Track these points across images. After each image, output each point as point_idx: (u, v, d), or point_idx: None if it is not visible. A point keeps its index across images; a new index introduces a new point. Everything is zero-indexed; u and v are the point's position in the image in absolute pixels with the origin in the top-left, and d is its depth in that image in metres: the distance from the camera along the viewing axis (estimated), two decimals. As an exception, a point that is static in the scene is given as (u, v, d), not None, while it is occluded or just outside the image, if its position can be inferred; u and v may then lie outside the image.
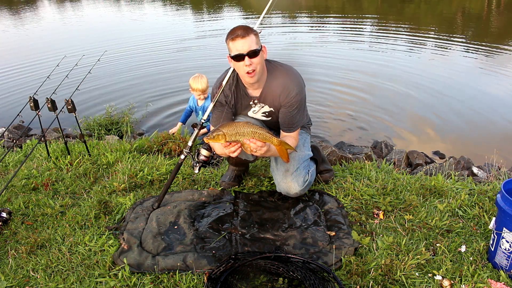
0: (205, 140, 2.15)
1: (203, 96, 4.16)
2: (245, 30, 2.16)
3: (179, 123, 4.51)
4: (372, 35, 10.47)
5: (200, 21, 14.47)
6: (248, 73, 2.20)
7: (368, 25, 12.25)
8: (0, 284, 2.02)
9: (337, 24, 12.56)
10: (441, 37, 9.76)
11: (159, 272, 2.03)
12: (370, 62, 7.40)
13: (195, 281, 1.95)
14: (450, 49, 8.45)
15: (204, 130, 3.89)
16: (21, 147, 3.91)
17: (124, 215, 2.54)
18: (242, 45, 2.14)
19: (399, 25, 11.43)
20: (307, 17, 14.51)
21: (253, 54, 2.16)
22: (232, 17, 15.06)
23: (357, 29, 11.34)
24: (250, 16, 14.53)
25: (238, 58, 2.18)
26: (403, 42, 9.34)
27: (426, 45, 8.93)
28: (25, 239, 2.33)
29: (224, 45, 2.27)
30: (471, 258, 2.02)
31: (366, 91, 5.92)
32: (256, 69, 2.21)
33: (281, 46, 9.03)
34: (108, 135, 4.45)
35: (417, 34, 10.05)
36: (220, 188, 2.80)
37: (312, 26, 12.45)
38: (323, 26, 12.30)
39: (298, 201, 2.61)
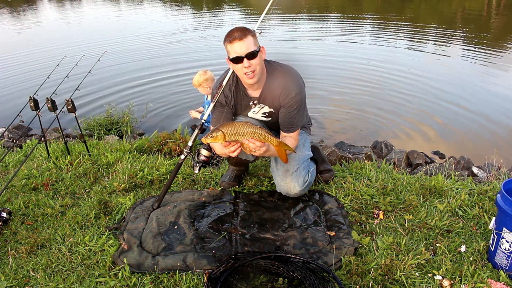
0: (204, 140, 2.14)
1: (201, 89, 4.13)
2: (243, 32, 2.15)
3: (202, 107, 4.56)
4: (372, 35, 10.48)
5: (201, 21, 14.48)
6: (247, 74, 2.20)
7: (369, 24, 12.25)
8: (0, 284, 2.02)
9: (337, 23, 12.57)
10: (441, 37, 9.77)
11: (159, 272, 2.03)
12: (371, 62, 7.40)
13: (195, 281, 1.95)
14: (450, 49, 8.45)
15: None
16: (21, 147, 3.91)
17: (124, 215, 2.54)
18: (240, 47, 2.14)
19: (399, 25, 11.44)
20: (307, 16, 14.51)
21: (251, 55, 2.16)
22: (232, 17, 15.07)
23: (357, 29, 11.34)
24: (250, 15, 14.53)
25: (237, 60, 2.17)
26: (403, 42, 9.34)
27: (426, 45, 8.93)
28: (25, 239, 2.33)
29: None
30: (471, 258, 2.02)
31: (366, 91, 5.92)
32: (256, 70, 2.20)
33: (281, 45, 9.02)
34: (108, 135, 4.45)
35: (417, 34, 10.06)
36: (220, 188, 2.80)
37: (312, 26, 12.45)
38: (323, 26, 12.30)
39: (298, 201, 2.61)
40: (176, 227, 2.39)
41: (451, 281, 1.87)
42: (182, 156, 2.55)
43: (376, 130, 4.77)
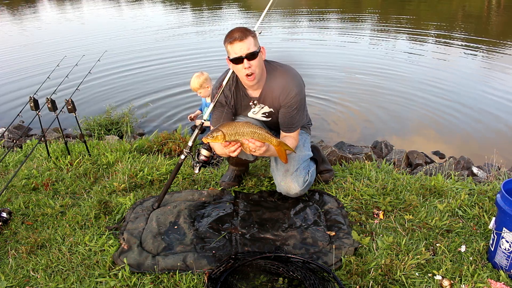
0: (204, 140, 2.14)
1: (201, 93, 4.14)
2: (243, 33, 2.15)
3: (198, 111, 4.58)
4: (372, 35, 10.46)
5: (201, 20, 14.47)
6: (247, 75, 2.21)
7: (369, 24, 12.25)
8: (0, 284, 2.02)
9: (337, 23, 12.57)
10: (441, 37, 9.76)
11: (159, 272, 2.03)
12: (371, 62, 7.39)
13: (195, 281, 1.96)
14: (450, 49, 8.44)
15: None
16: (21, 147, 3.91)
17: (124, 215, 2.54)
18: (241, 48, 2.15)
19: (399, 25, 11.43)
20: (307, 16, 14.50)
21: (251, 56, 2.16)
22: (232, 16, 15.06)
23: (357, 29, 11.34)
24: (251, 15, 14.53)
25: (237, 61, 2.18)
26: (403, 42, 9.34)
27: (426, 45, 8.93)
28: (25, 239, 2.33)
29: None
30: (471, 258, 2.03)
31: (366, 91, 5.92)
32: (255, 72, 2.21)
33: (281, 45, 9.02)
34: (108, 135, 4.45)
35: (418, 34, 10.05)
36: (220, 188, 2.80)
37: (312, 25, 12.44)
38: (323, 25, 12.30)
39: (298, 201, 2.60)
40: (176, 227, 2.39)
41: (451, 281, 1.87)
42: (182, 156, 2.55)
43: (376, 130, 4.77)
